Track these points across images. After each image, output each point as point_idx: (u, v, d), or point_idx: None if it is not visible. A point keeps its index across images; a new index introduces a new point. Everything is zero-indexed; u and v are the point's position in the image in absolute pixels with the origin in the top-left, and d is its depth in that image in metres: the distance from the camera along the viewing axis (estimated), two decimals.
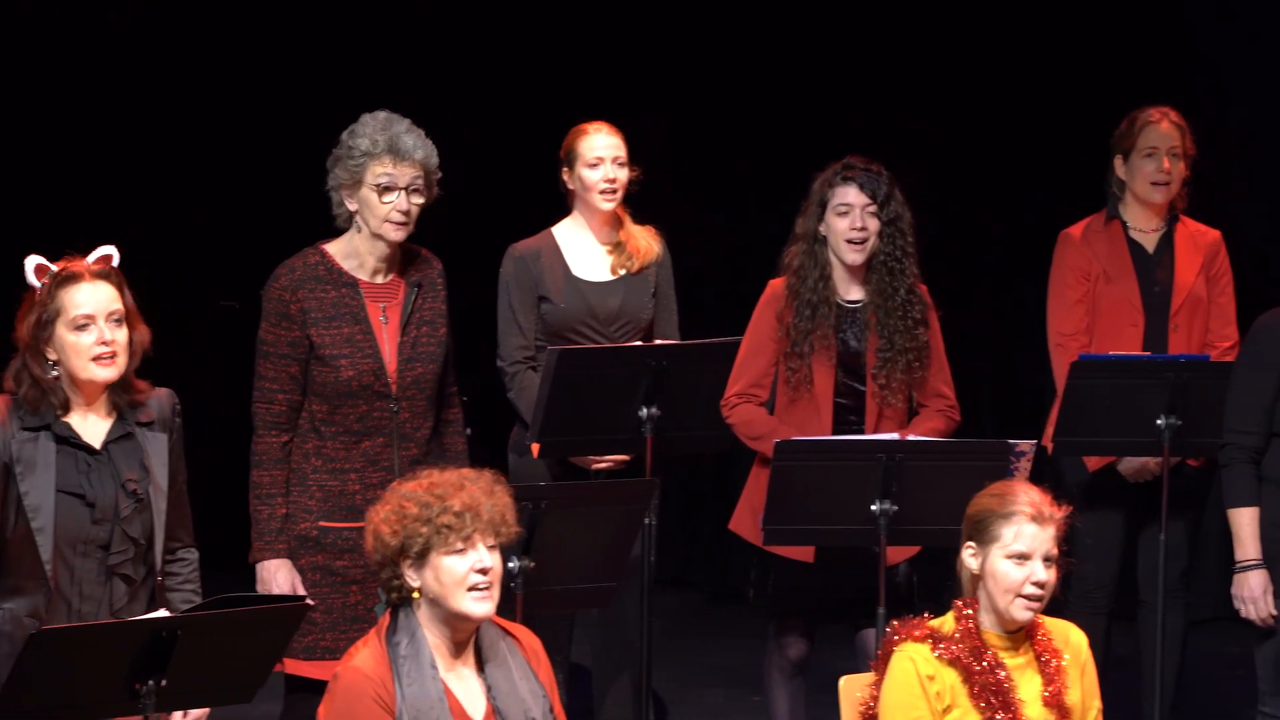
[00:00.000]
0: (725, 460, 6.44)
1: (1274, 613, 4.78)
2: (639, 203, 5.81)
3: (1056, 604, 4.08)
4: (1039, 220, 6.58)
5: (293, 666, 4.88)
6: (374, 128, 4.95)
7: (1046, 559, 3.96)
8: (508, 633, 3.93)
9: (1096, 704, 4.05)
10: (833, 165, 5.31)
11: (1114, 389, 5.44)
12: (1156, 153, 5.75)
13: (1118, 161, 5.83)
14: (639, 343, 5.68)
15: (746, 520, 5.33)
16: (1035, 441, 5.03)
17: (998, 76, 7.31)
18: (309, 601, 4.17)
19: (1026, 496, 3.99)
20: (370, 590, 4.85)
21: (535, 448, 5.45)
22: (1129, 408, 5.44)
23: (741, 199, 7.34)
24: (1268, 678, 4.81)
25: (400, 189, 4.93)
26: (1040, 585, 3.94)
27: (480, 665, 3.88)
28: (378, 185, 4.93)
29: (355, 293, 4.98)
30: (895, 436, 5.07)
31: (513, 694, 3.84)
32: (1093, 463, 5.76)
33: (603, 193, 5.69)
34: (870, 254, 5.24)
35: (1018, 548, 3.94)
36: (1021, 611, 3.95)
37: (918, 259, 5.29)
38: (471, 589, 3.79)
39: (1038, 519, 3.96)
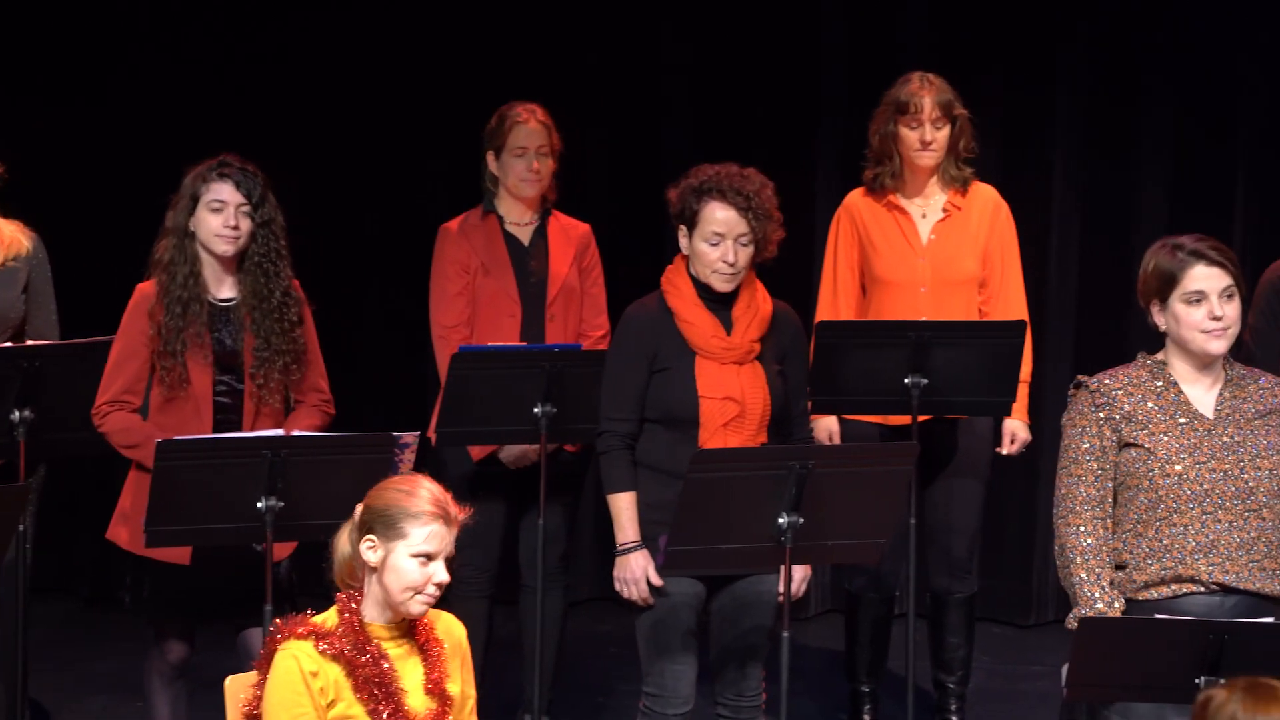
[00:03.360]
0: (107, 462, 6.27)
1: (659, 583, 4.92)
2: (13, 196, 5.62)
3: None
4: (420, 214, 6.67)
5: None
6: None
7: (448, 559, 4.02)
8: None
9: (473, 694, 4.13)
10: (207, 161, 5.25)
11: (493, 379, 5.56)
12: (526, 152, 5.91)
13: (490, 158, 5.96)
14: (9, 343, 5.48)
15: (121, 528, 5.21)
16: (419, 433, 5.10)
17: (371, 75, 7.35)
18: None
19: (433, 495, 4.01)
20: None
21: None
22: (508, 397, 5.56)
23: (126, 194, 7.15)
24: (648, 656, 4.98)
25: None
26: (440, 586, 4.00)
27: None
28: None
29: None
30: (280, 433, 5.05)
31: None
32: (476, 452, 5.88)
33: None
34: (241, 250, 5.21)
35: (425, 548, 3.98)
36: (418, 607, 4.00)
37: (291, 260, 5.28)
38: None
39: (445, 519, 4.01)
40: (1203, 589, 4.40)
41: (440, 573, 3.98)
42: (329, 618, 4.02)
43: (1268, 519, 4.41)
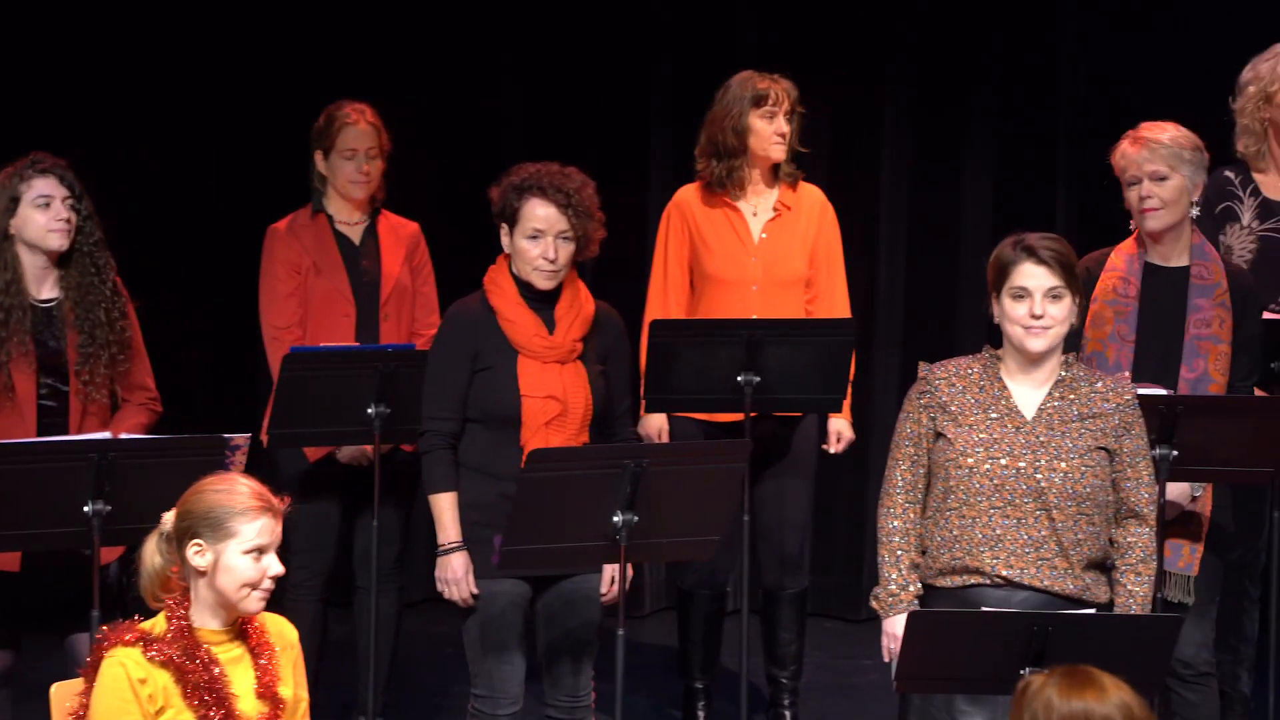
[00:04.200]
0: None
1: (475, 592, 4.96)
2: None
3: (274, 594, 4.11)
4: (247, 211, 6.62)
5: None
6: None
7: (278, 550, 3.99)
8: None
9: (305, 697, 4.11)
10: (16, 161, 5.19)
11: (326, 380, 5.52)
12: (355, 154, 5.89)
13: (318, 157, 5.93)
14: None
15: None
16: (250, 435, 5.06)
17: (196, 70, 7.28)
18: None
19: (252, 489, 3.98)
20: None
21: None
22: (342, 398, 5.53)
23: None
24: (475, 656, 4.98)
25: None
26: (275, 579, 3.97)
27: None
28: None
29: None
30: (108, 435, 4.99)
31: None
32: (313, 453, 5.84)
33: None
34: (71, 244, 5.16)
35: (258, 542, 3.94)
36: (256, 604, 3.97)
37: (112, 254, 5.24)
38: None
39: (271, 511, 3.98)
40: (988, 581, 4.48)
41: (274, 565, 3.96)
42: (157, 623, 3.97)
43: (1059, 520, 4.47)
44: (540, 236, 4.95)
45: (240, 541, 3.94)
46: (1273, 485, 5.34)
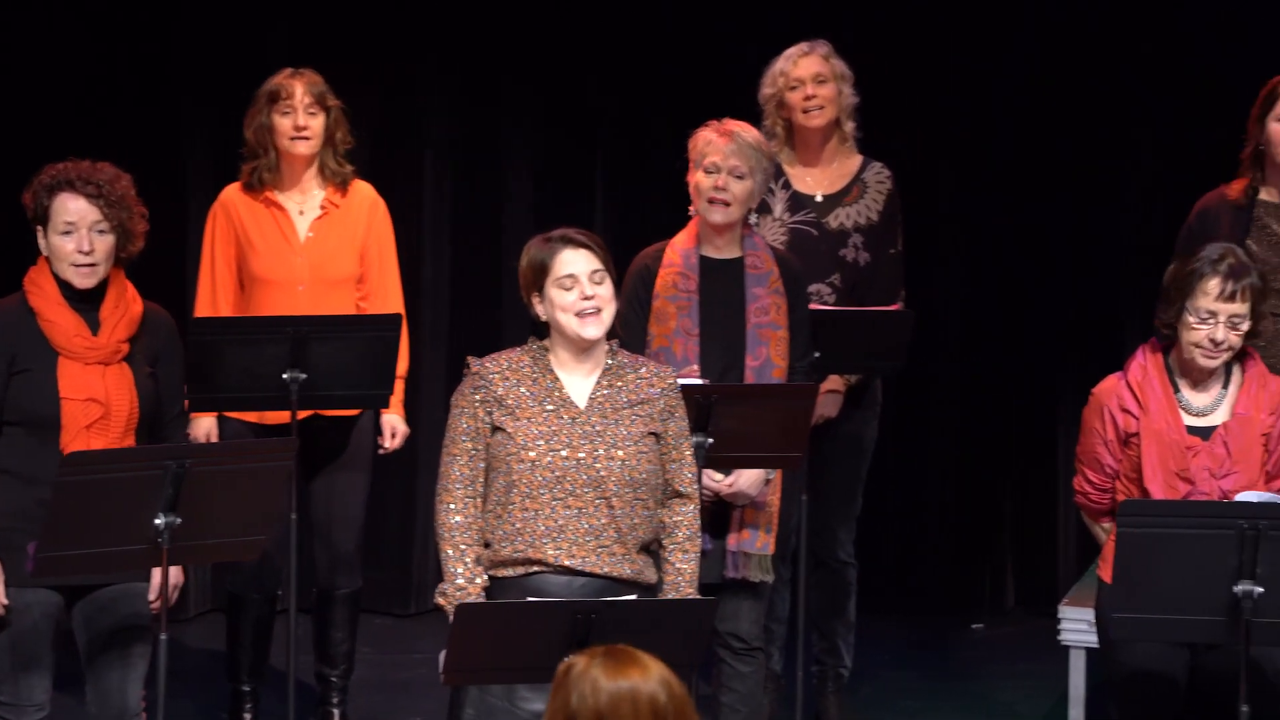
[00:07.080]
0: None
1: (6, 602, 4.81)
2: None
3: None
4: None
5: None
6: None
7: None
8: None
9: None
10: None
11: None
12: None
13: None
14: None
15: None
16: None
17: None
18: None
19: None
20: None
21: None
22: None
23: None
24: (1, 666, 4.83)
25: None
26: None
27: None
28: None
29: None
30: None
31: None
32: None
33: None
34: None
35: None
36: None
37: None
38: None
39: None
40: (550, 570, 4.57)
41: None
42: None
43: (617, 507, 4.58)
44: (73, 230, 4.84)
45: None
46: (802, 470, 5.59)
